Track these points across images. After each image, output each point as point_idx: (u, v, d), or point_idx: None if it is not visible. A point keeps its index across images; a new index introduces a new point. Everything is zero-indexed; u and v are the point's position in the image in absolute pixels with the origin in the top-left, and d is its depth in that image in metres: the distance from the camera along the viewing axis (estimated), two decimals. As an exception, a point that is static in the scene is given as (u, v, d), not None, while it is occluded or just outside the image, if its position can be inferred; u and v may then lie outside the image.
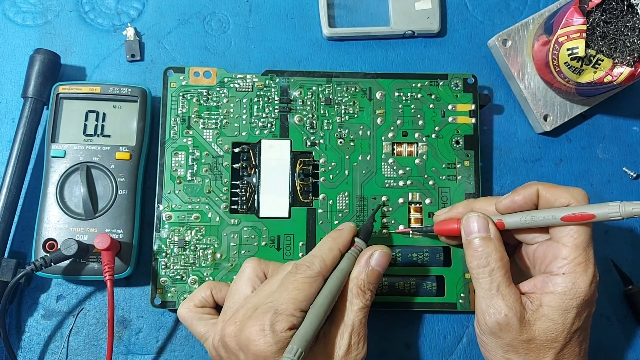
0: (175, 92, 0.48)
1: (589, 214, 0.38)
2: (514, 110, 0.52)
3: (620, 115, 0.53)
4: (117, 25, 0.52)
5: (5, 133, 0.49)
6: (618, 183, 0.51)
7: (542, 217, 0.39)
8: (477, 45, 0.53)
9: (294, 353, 0.35)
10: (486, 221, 0.40)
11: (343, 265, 0.40)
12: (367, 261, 0.40)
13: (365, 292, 0.39)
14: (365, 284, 0.39)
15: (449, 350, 0.48)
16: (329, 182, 0.47)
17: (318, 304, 0.38)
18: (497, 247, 0.39)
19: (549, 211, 0.39)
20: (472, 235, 0.40)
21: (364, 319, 0.39)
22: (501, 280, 0.39)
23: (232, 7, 0.52)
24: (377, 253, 0.40)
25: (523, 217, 0.40)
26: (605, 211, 0.37)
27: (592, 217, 0.37)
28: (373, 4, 0.52)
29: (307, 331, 0.37)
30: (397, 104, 0.49)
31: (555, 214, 0.38)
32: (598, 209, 0.37)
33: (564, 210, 0.38)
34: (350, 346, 0.38)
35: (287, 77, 0.49)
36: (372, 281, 0.40)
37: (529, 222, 0.40)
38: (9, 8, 0.51)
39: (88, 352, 0.46)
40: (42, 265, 0.42)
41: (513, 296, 0.38)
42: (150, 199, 0.47)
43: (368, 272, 0.40)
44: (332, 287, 0.39)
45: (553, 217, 0.39)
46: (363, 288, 0.39)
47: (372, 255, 0.40)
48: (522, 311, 0.38)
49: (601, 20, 0.45)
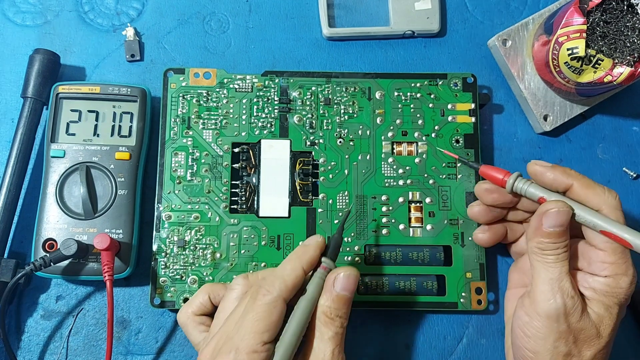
0: (175, 93, 0.48)
1: (625, 240, 0.37)
2: (514, 110, 0.52)
3: (620, 116, 0.53)
4: (116, 25, 0.52)
5: (5, 133, 0.49)
6: (618, 183, 0.51)
7: (587, 219, 0.39)
8: (477, 45, 0.53)
9: None
10: (570, 214, 0.39)
11: (310, 292, 0.37)
12: (332, 287, 0.37)
13: (333, 319, 0.37)
14: (333, 310, 0.36)
15: (449, 351, 0.48)
16: (329, 181, 0.47)
17: (285, 341, 0.35)
18: (568, 237, 0.39)
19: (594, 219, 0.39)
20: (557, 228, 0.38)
21: (337, 349, 0.36)
22: (568, 265, 0.39)
23: (232, 7, 0.52)
24: (341, 276, 0.37)
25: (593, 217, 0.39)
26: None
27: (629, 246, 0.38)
28: (373, 4, 0.52)
29: None
30: (397, 104, 0.49)
31: (598, 222, 0.38)
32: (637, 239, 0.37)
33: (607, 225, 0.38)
34: None
35: (286, 77, 0.49)
36: (339, 307, 0.37)
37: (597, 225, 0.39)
38: (8, 8, 0.51)
39: (87, 353, 0.46)
40: (41, 266, 0.42)
41: (574, 281, 0.39)
42: (150, 199, 0.47)
43: (334, 297, 0.37)
44: (299, 319, 0.36)
45: (595, 225, 0.38)
46: (330, 316, 0.37)
47: (335, 280, 0.37)
48: (583, 299, 0.39)
49: (601, 20, 0.45)
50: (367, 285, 0.46)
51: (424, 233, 0.47)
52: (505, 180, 0.42)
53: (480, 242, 0.45)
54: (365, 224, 0.47)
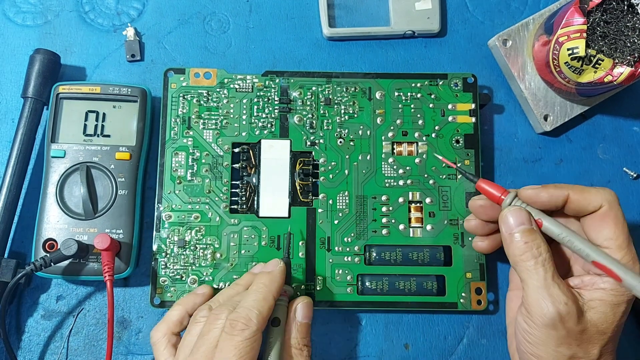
0: (176, 93, 0.48)
1: (616, 275, 0.37)
2: (514, 110, 0.52)
3: (620, 116, 0.53)
4: (117, 25, 0.52)
5: (5, 133, 0.49)
6: (618, 183, 0.51)
7: (579, 248, 0.38)
8: (477, 45, 0.53)
9: None
10: (527, 215, 0.39)
11: (282, 322, 0.39)
12: (294, 318, 0.40)
13: (302, 349, 0.39)
14: (300, 340, 0.39)
15: (449, 351, 0.48)
16: (329, 181, 0.47)
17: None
18: (543, 239, 0.39)
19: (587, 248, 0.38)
20: (521, 227, 0.39)
21: None
22: (554, 270, 0.38)
23: (232, 7, 0.52)
24: (300, 306, 0.40)
25: (562, 233, 0.39)
26: (634, 284, 0.37)
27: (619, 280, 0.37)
28: (373, 4, 0.52)
29: None
30: (397, 104, 0.49)
31: (589, 254, 0.38)
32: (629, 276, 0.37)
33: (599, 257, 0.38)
34: None
35: (286, 77, 0.49)
36: (304, 336, 0.40)
37: (564, 240, 0.39)
38: (9, 8, 0.51)
39: (88, 353, 0.46)
40: (42, 266, 0.42)
41: (566, 286, 0.38)
42: (150, 199, 0.47)
43: (299, 327, 0.40)
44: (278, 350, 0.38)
45: (587, 255, 0.38)
46: (298, 346, 0.39)
47: (295, 311, 0.40)
48: (577, 301, 0.38)
49: (601, 20, 0.45)
50: (367, 286, 0.46)
51: (424, 233, 0.47)
52: (502, 199, 0.40)
53: (480, 250, 0.45)
54: (365, 224, 0.47)
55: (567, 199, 0.39)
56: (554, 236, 0.39)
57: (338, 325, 0.47)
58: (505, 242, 0.40)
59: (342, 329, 0.47)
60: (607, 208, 0.38)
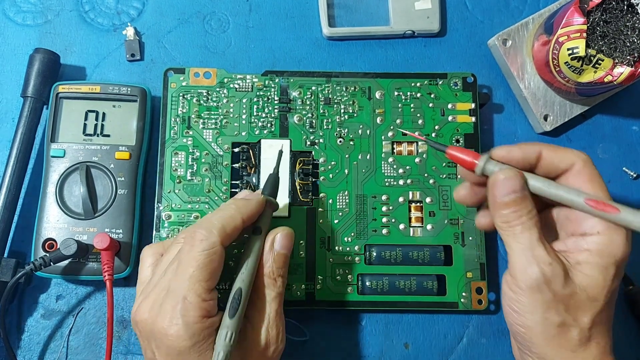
0: (176, 93, 0.48)
1: (613, 208, 0.35)
2: (514, 110, 0.52)
3: (620, 115, 0.53)
4: (117, 25, 0.52)
5: (5, 133, 0.49)
6: (618, 183, 0.51)
7: (566, 193, 0.37)
8: (477, 44, 0.53)
9: (228, 338, 0.34)
10: (523, 181, 0.37)
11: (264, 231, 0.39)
12: (272, 247, 0.39)
13: (275, 279, 0.38)
14: (275, 270, 0.38)
15: (449, 350, 0.48)
16: (329, 181, 0.47)
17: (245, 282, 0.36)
18: (532, 203, 0.37)
19: (575, 190, 0.37)
20: (511, 196, 0.37)
21: (279, 309, 0.38)
22: (539, 232, 0.37)
23: (232, 6, 0.52)
24: (279, 236, 0.39)
25: (546, 186, 0.37)
26: (631, 218, 0.35)
27: (617, 211, 0.35)
28: (373, 4, 0.52)
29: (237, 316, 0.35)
30: (397, 103, 0.49)
31: (579, 193, 0.36)
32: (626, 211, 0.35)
33: (589, 194, 0.36)
34: (268, 341, 0.37)
35: (286, 77, 0.49)
36: (280, 266, 0.38)
37: (551, 193, 0.37)
38: (9, 8, 0.51)
39: (88, 352, 0.46)
40: (41, 265, 0.42)
41: (551, 248, 0.37)
42: (150, 199, 0.47)
43: (274, 256, 0.38)
44: (256, 253, 0.38)
45: (577, 195, 0.36)
46: (273, 276, 0.38)
47: (274, 240, 0.39)
48: (563, 264, 0.36)
49: (601, 20, 0.45)
50: (367, 285, 0.46)
51: (424, 233, 0.47)
52: (474, 163, 0.38)
53: (482, 227, 0.43)
54: (366, 224, 0.47)
55: (540, 156, 0.38)
56: (538, 192, 0.38)
57: (338, 325, 0.47)
58: (493, 208, 0.38)
59: (342, 328, 0.47)
60: (580, 165, 0.37)
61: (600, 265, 0.36)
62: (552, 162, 0.38)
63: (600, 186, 0.37)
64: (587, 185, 0.37)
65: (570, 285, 0.36)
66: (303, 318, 0.47)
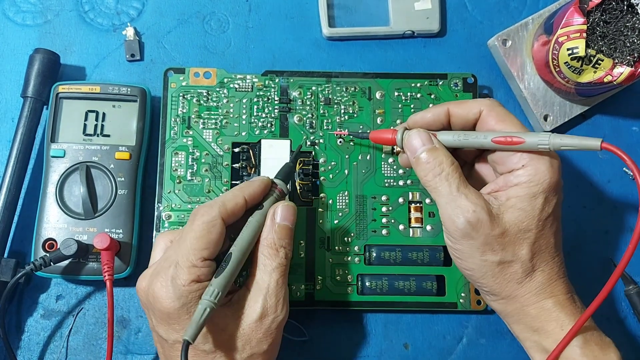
0: (176, 93, 0.48)
1: (518, 139, 0.38)
2: (514, 110, 0.52)
3: (620, 115, 0.53)
4: (116, 25, 0.52)
5: (5, 133, 0.49)
6: (618, 183, 0.51)
7: (475, 137, 0.40)
8: (476, 45, 0.53)
9: (213, 294, 0.35)
10: (427, 134, 0.40)
11: (265, 206, 0.39)
12: (273, 219, 0.39)
13: (277, 250, 0.38)
14: (277, 241, 0.38)
15: (448, 351, 0.48)
16: (329, 181, 0.47)
17: (239, 245, 0.37)
18: (445, 154, 0.39)
19: (481, 133, 0.40)
20: (420, 149, 0.40)
21: (280, 280, 0.38)
22: (459, 181, 0.39)
23: (232, 6, 0.52)
24: (280, 208, 0.39)
25: (456, 135, 0.40)
26: (535, 140, 0.37)
27: (521, 142, 0.38)
28: (373, 4, 0.52)
29: (224, 274, 0.36)
30: (397, 104, 0.49)
31: (486, 135, 0.39)
32: (528, 136, 0.38)
33: (496, 133, 0.39)
34: (265, 309, 0.37)
35: (286, 77, 0.49)
36: (283, 237, 0.38)
37: (462, 141, 0.40)
38: (8, 8, 0.51)
39: (87, 352, 0.46)
40: (41, 265, 0.42)
41: (474, 194, 0.38)
42: (150, 199, 0.47)
43: (276, 229, 0.38)
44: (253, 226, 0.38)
45: (484, 137, 0.39)
46: (274, 246, 0.38)
47: (275, 212, 0.39)
48: (488, 205, 0.38)
49: (601, 20, 0.45)
50: (367, 286, 0.46)
51: (424, 233, 0.47)
52: (394, 138, 0.42)
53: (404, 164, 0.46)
54: (365, 224, 0.47)
55: (449, 113, 0.41)
56: (452, 144, 0.40)
57: (338, 325, 0.47)
58: (413, 167, 0.41)
59: (342, 328, 0.47)
60: (487, 110, 0.40)
61: (528, 195, 0.38)
62: (461, 115, 0.41)
63: (512, 122, 0.40)
64: (498, 126, 0.39)
65: (499, 224, 0.38)
66: (303, 318, 0.47)
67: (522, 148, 0.38)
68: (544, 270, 0.39)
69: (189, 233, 0.37)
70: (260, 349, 0.37)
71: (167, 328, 0.36)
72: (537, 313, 0.39)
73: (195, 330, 0.34)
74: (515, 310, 0.40)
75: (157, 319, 0.37)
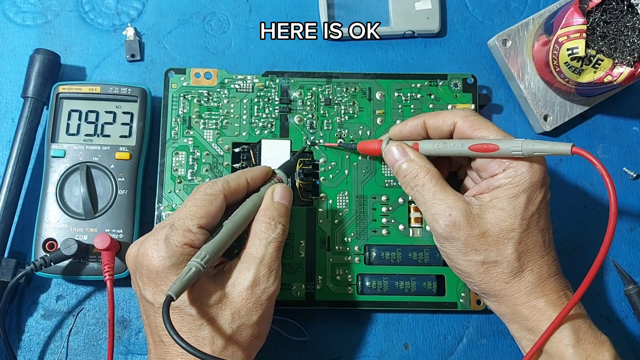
0: (176, 93, 0.48)
1: (493, 145, 0.39)
2: (514, 110, 0.52)
3: (620, 116, 0.53)
4: (117, 25, 0.52)
5: (5, 133, 0.49)
6: (618, 183, 0.51)
7: (453, 145, 0.41)
8: (477, 45, 0.53)
9: (201, 257, 0.35)
10: (401, 148, 0.42)
11: (262, 190, 0.41)
12: (272, 197, 0.40)
13: (275, 225, 0.39)
14: (275, 216, 0.39)
15: (449, 351, 0.48)
16: (329, 181, 0.47)
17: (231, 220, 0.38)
18: (421, 164, 0.41)
19: (459, 141, 0.41)
20: (397, 163, 0.42)
21: (275, 253, 0.38)
22: (436, 188, 0.40)
23: (232, 7, 0.52)
24: (278, 188, 0.41)
25: (436, 144, 0.42)
26: (509, 146, 0.38)
27: (496, 148, 0.39)
28: (373, 4, 0.52)
29: (216, 240, 0.36)
30: (397, 104, 0.49)
31: (463, 143, 0.40)
32: (502, 142, 0.38)
33: (472, 141, 0.40)
34: (257, 278, 0.37)
35: (287, 77, 0.49)
36: (281, 214, 0.40)
37: (441, 148, 0.41)
38: (9, 8, 0.51)
39: (88, 352, 0.46)
40: (41, 265, 0.42)
41: (452, 197, 0.40)
42: (150, 199, 0.47)
43: (275, 205, 0.40)
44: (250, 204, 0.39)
45: (462, 145, 0.40)
46: (273, 220, 0.39)
47: (274, 192, 0.40)
48: (467, 207, 0.39)
49: (601, 20, 0.45)
50: (367, 286, 0.46)
51: (424, 233, 0.47)
52: (380, 148, 0.44)
53: None
54: (365, 224, 0.47)
55: (425, 125, 0.42)
56: (432, 152, 0.42)
57: (338, 325, 0.47)
58: (395, 174, 0.43)
59: (342, 328, 0.47)
60: (461, 121, 0.41)
61: (510, 196, 0.39)
62: (436, 126, 0.42)
63: (488, 129, 0.40)
64: (475, 134, 0.40)
65: (479, 225, 0.39)
66: (303, 318, 0.47)
67: (498, 154, 0.39)
68: (533, 270, 0.39)
69: (189, 201, 0.38)
70: (250, 320, 0.37)
71: (154, 290, 0.36)
72: (530, 313, 0.39)
73: (179, 286, 0.34)
74: (509, 309, 0.40)
75: (145, 279, 0.37)
